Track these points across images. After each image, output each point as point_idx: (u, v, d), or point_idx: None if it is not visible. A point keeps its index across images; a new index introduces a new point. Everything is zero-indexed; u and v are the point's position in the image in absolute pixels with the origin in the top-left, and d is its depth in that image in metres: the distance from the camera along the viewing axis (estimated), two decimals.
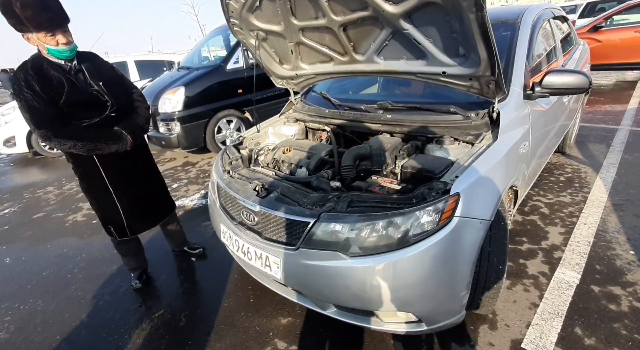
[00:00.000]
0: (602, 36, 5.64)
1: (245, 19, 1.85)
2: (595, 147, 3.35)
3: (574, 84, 1.60)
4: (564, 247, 1.95)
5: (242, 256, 1.53)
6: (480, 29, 1.15)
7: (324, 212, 1.26)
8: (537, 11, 2.17)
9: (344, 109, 2.02)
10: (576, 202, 2.42)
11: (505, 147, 1.46)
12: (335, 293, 1.25)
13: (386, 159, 1.55)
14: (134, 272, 2.11)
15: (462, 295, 1.26)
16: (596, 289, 1.61)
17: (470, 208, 1.20)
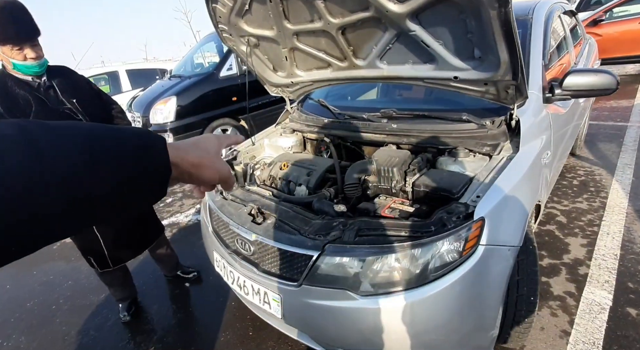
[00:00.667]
0: (602, 30, 5.52)
1: (234, 24, 1.70)
2: (606, 146, 3.21)
3: (599, 85, 1.45)
4: (589, 261, 1.79)
5: (238, 290, 1.36)
6: (503, 27, 1.00)
7: (328, 243, 1.10)
8: (548, 5, 2.03)
9: (344, 118, 1.87)
10: (594, 209, 2.26)
11: (528, 159, 1.30)
12: (344, 336, 1.09)
13: (395, 175, 1.39)
14: (122, 303, 1.94)
15: (491, 334, 1.10)
16: (633, 313, 1.45)
17: (496, 234, 1.04)
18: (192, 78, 4.18)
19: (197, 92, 4.03)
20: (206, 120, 4.06)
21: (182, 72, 4.63)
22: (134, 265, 2.35)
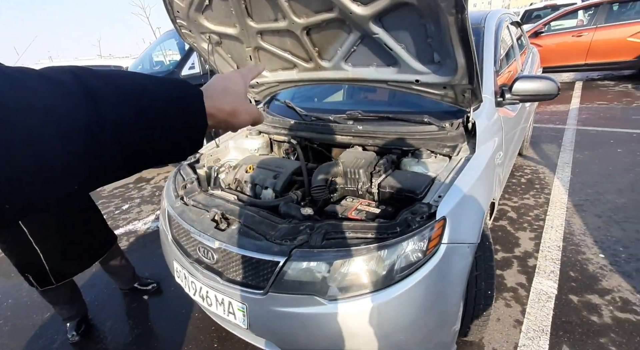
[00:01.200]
0: (543, 41, 6.08)
1: (194, 20, 1.61)
2: (548, 147, 3.52)
3: (543, 91, 1.57)
4: (537, 253, 1.95)
5: (201, 301, 1.29)
6: (460, 33, 1.04)
7: (295, 248, 1.07)
8: (498, 16, 2.18)
9: (311, 120, 1.85)
10: (540, 204, 2.47)
11: (483, 159, 1.38)
12: (313, 343, 1.07)
13: (361, 176, 1.40)
14: (70, 322, 1.75)
15: (454, 329, 1.14)
16: (575, 299, 1.59)
17: (457, 232, 1.08)
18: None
19: None
20: None
21: (140, 70, 4.34)
22: (84, 279, 2.14)
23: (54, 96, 0.28)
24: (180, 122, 0.37)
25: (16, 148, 0.25)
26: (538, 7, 9.74)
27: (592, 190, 2.53)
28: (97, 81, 0.31)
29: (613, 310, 1.50)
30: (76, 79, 0.30)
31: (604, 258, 1.82)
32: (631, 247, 1.88)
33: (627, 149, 3.14)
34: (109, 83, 0.32)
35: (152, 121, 0.34)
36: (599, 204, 2.34)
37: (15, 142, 0.25)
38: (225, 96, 0.44)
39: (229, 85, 0.46)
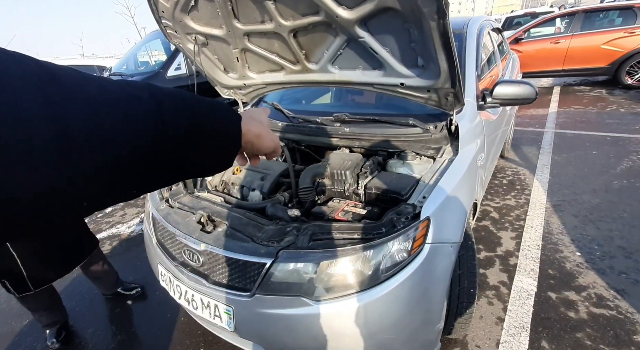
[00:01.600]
0: (523, 47, 6.30)
1: (179, 21, 1.60)
2: (528, 149, 3.64)
3: (522, 95, 1.63)
4: (517, 252, 2.01)
5: (186, 305, 1.27)
6: (442, 38, 1.07)
7: (282, 249, 1.07)
8: (479, 22, 2.24)
9: (298, 122, 1.86)
10: (521, 205, 2.55)
11: (466, 161, 1.42)
12: (301, 345, 1.07)
13: (348, 178, 1.41)
14: (50, 329, 1.69)
15: (438, 327, 1.16)
16: (553, 296, 1.65)
17: (440, 232, 1.11)
18: (135, 77, 3.85)
19: None
20: None
21: (124, 70, 4.26)
22: (65, 285, 2.08)
23: (134, 110, 0.32)
24: (221, 139, 0.42)
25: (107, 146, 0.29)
26: (518, 15, 10.08)
27: (569, 191, 2.63)
28: (165, 98, 0.35)
29: (588, 306, 1.57)
30: (151, 96, 0.34)
31: (580, 256, 1.90)
32: (605, 245, 1.97)
33: (601, 152, 3.28)
34: (173, 100, 0.36)
35: (199, 139, 0.38)
36: (575, 204, 2.44)
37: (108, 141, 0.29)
38: (252, 121, 0.49)
39: (254, 114, 0.52)
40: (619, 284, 1.67)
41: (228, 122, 0.43)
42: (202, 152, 0.39)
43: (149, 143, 0.32)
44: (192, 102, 0.39)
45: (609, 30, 5.47)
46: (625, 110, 4.48)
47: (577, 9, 6.18)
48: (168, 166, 0.36)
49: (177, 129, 0.35)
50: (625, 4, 5.64)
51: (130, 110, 0.31)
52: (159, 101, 0.34)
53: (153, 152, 0.33)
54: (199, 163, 0.40)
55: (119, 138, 0.30)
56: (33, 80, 0.25)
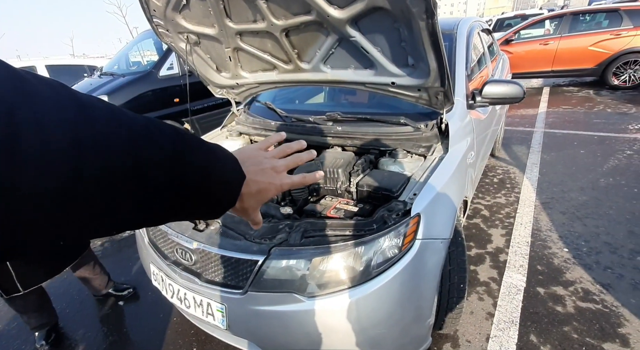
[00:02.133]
0: (513, 48, 6.39)
1: (171, 20, 1.59)
2: (518, 148, 3.70)
3: (510, 94, 1.66)
4: (507, 249, 2.04)
5: (179, 304, 1.27)
6: (431, 37, 1.09)
7: (274, 247, 1.08)
8: (469, 23, 2.28)
9: (291, 121, 1.87)
10: (510, 203, 2.59)
11: (456, 159, 1.44)
12: (293, 341, 1.08)
13: (340, 176, 1.43)
14: (39, 331, 1.67)
15: (428, 322, 1.18)
16: (542, 291, 1.69)
17: (431, 228, 1.13)
18: (127, 77, 3.81)
19: (133, 92, 3.68)
20: None
21: (115, 70, 4.20)
22: (54, 286, 2.05)
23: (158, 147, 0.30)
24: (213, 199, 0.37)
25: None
26: (509, 16, 10.24)
27: (558, 189, 2.69)
28: (184, 143, 0.33)
29: (575, 301, 1.61)
30: (176, 135, 0.32)
31: (567, 252, 1.94)
32: (591, 241, 2.01)
33: (589, 150, 3.36)
34: (192, 144, 0.34)
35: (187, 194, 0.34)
36: (563, 201, 2.49)
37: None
38: (256, 174, 0.44)
39: (261, 163, 0.47)
40: (605, 279, 1.71)
41: (229, 175, 0.39)
42: (188, 202, 0.35)
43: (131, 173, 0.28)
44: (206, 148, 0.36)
45: (596, 32, 5.59)
46: (611, 110, 4.58)
47: (566, 11, 6.30)
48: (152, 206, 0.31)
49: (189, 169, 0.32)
50: (611, 7, 5.78)
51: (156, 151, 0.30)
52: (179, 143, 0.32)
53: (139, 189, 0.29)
54: (180, 211, 0.35)
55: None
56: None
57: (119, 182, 0.27)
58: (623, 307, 1.54)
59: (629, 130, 3.81)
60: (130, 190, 0.28)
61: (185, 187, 0.33)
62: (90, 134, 0.25)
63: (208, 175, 0.35)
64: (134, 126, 0.29)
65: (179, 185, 0.32)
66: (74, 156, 0.24)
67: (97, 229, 0.29)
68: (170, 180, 0.31)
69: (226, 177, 0.38)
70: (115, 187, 0.27)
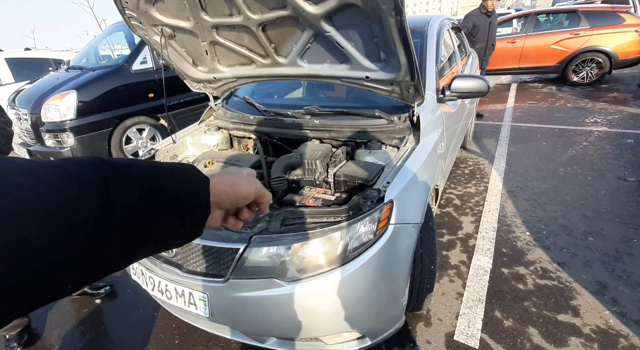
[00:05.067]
0: None
1: (144, 12, 1.57)
2: (488, 141, 3.91)
3: (476, 88, 1.77)
4: (476, 234, 2.18)
5: (160, 296, 1.28)
6: (400, 33, 1.16)
7: (255, 235, 1.12)
8: (440, 20, 2.39)
9: (270, 115, 1.89)
10: (480, 192, 2.75)
11: (427, 149, 1.53)
12: (275, 325, 1.13)
13: (318, 167, 1.48)
14: (9, 334, 1.61)
15: (402, 302, 1.26)
16: (506, 271, 1.82)
17: (403, 214, 1.20)
18: (97, 71, 3.66)
19: (104, 87, 3.55)
20: (117, 118, 3.61)
21: (84, 64, 4.02)
22: None
23: (69, 191, 0.27)
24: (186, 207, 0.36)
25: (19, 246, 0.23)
26: None
27: (522, 178, 2.88)
28: (114, 175, 0.31)
29: (535, 278, 1.75)
30: (95, 172, 0.30)
31: (529, 235, 2.10)
32: (550, 224, 2.19)
33: (550, 142, 3.60)
34: (124, 176, 0.31)
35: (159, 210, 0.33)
36: (527, 189, 2.67)
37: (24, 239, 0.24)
38: (220, 174, 0.45)
39: (222, 171, 0.49)
40: (561, 258, 1.88)
41: (193, 183, 0.38)
42: (164, 223, 0.34)
43: (87, 231, 0.27)
44: (149, 170, 0.34)
45: (558, 32, 5.95)
46: (571, 105, 4.91)
47: (531, 11, 6.65)
48: (119, 250, 0.30)
49: (129, 204, 0.30)
50: (570, 8, 6.16)
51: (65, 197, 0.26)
52: (104, 178, 0.29)
53: (93, 240, 0.28)
54: (160, 237, 0.35)
55: (43, 241, 0.24)
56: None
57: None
58: (575, 282, 1.70)
59: (585, 123, 4.12)
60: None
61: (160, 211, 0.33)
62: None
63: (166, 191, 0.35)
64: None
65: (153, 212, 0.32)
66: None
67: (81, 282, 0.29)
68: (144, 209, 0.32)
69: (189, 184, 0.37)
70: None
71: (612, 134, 3.72)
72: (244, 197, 0.45)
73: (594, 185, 2.63)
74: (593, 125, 4.01)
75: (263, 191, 0.48)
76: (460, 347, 1.43)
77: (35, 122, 3.37)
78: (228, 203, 0.44)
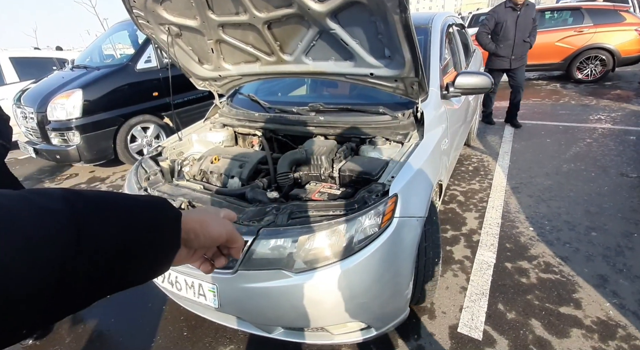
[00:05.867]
0: None
1: (152, 11, 1.60)
2: (492, 138, 3.91)
3: (480, 85, 1.79)
4: (480, 230, 2.20)
5: (170, 287, 1.31)
6: (404, 30, 1.18)
7: (262, 228, 1.14)
8: (444, 17, 2.40)
9: (275, 112, 1.92)
10: (484, 188, 2.77)
11: (430, 145, 1.55)
12: (282, 315, 1.15)
13: (323, 162, 1.50)
14: None
15: (406, 294, 1.29)
16: (509, 266, 1.84)
17: (407, 207, 1.23)
18: (102, 70, 3.70)
19: (109, 86, 3.59)
20: (122, 117, 3.65)
21: (88, 63, 4.06)
22: None
23: (38, 225, 0.26)
24: (157, 242, 0.36)
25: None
26: (483, 13, 10.53)
27: (526, 174, 2.89)
28: (85, 208, 0.30)
29: (538, 272, 1.77)
30: (66, 205, 0.29)
31: (532, 230, 2.12)
32: (554, 220, 2.20)
33: (554, 139, 3.60)
34: (97, 209, 0.31)
35: (130, 246, 0.33)
36: (530, 186, 2.68)
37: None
38: (194, 212, 0.44)
39: (200, 208, 0.49)
40: (564, 252, 1.89)
41: (165, 218, 0.37)
42: (134, 260, 0.33)
43: (57, 268, 0.26)
44: (122, 204, 0.34)
45: (562, 29, 5.91)
46: (575, 102, 4.90)
47: (536, 8, 6.60)
48: (84, 289, 0.29)
49: (101, 241, 0.30)
50: (574, 5, 6.12)
51: (33, 229, 0.25)
52: (76, 212, 0.29)
53: (61, 279, 0.26)
54: (129, 273, 0.33)
55: (13, 272, 0.23)
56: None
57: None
58: (578, 276, 1.72)
59: (589, 120, 4.11)
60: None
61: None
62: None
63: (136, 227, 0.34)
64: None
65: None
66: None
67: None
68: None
69: (161, 219, 0.37)
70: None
71: (616, 131, 3.71)
72: (213, 239, 0.44)
73: (597, 182, 2.64)
74: (597, 122, 4.00)
75: (235, 235, 0.47)
76: (464, 338, 1.45)
77: (41, 121, 3.42)
78: (196, 242, 0.42)
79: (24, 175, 3.97)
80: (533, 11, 3.80)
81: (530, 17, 3.76)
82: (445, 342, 1.45)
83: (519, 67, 4.00)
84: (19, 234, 0.24)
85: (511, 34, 3.77)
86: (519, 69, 4.01)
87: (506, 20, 3.74)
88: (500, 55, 3.91)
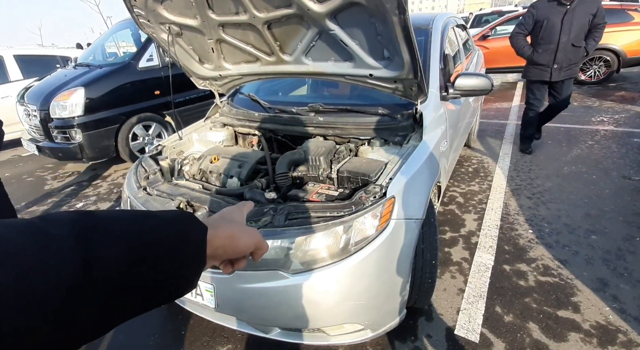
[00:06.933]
0: (490, 44, 6.63)
1: (152, 10, 1.60)
2: (492, 140, 3.90)
3: (479, 86, 1.78)
4: (479, 232, 2.19)
5: None
6: (403, 31, 1.17)
7: (260, 228, 1.15)
8: (444, 18, 2.39)
9: (275, 112, 1.92)
10: (483, 190, 2.76)
11: (429, 147, 1.55)
12: (279, 315, 1.16)
13: (322, 163, 1.50)
14: None
15: (403, 296, 1.29)
16: (507, 268, 1.84)
17: (405, 209, 1.23)
18: (105, 68, 3.72)
19: (111, 84, 3.61)
20: (123, 115, 3.67)
21: (91, 61, 4.08)
22: None
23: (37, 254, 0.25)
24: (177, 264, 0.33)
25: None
26: (486, 13, 10.52)
27: (526, 176, 2.88)
28: (96, 233, 0.28)
29: (536, 275, 1.77)
30: (73, 231, 0.27)
31: (532, 233, 2.11)
32: (553, 223, 2.19)
33: (555, 141, 3.59)
34: (108, 233, 0.29)
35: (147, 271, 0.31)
36: (530, 188, 2.67)
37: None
38: (222, 222, 0.43)
39: (226, 214, 0.47)
40: (563, 255, 1.89)
41: (189, 234, 0.35)
42: (154, 283, 0.31)
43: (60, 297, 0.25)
44: (140, 224, 0.31)
45: None
46: (577, 104, 4.87)
47: None
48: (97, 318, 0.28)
49: (113, 268, 0.28)
50: None
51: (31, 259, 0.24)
52: (85, 238, 0.27)
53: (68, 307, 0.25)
54: (149, 297, 0.32)
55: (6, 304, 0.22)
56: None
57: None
58: (577, 279, 1.71)
59: (591, 122, 4.09)
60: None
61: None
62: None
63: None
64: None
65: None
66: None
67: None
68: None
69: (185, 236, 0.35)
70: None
71: (619, 133, 3.69)
72: (241, 252, 0.44)
73: (598, 184, 2.62)
74: (599, 124, 3.98)
75: (261, 244, 0.47)
76: (461, 341, 1.45)
77: (44, 119, 3.44)
78: (224, 256, 0.42)
79: (26, 173, 4.00)
80: (592, 6, 2.77)
81: (589, 14, 2.78)
82: (442, 344, 1.45)
83: (564, 81, 3.05)
84: (12, 266, 0.23)
85: (554, 36, 2.86)
86: (564, 82, 3.07)
87: (548, 17, 2.83)
88: (538, 63, 3.00)
